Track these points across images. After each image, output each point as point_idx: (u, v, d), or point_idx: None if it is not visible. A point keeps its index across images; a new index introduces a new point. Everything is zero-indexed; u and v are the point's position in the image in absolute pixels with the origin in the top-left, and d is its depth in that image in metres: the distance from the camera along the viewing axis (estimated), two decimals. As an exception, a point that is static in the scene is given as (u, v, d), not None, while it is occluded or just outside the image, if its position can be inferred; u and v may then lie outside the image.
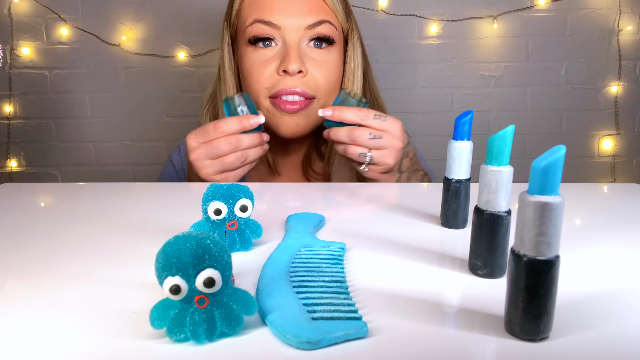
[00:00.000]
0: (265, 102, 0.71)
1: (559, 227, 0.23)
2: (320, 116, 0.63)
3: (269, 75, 0.70)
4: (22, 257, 0.37)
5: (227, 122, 0.62)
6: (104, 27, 1.43)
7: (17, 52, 1.43)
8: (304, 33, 0.70)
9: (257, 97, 0.72)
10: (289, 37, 0.70)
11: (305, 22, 0.70)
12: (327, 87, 0.72)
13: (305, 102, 0.70)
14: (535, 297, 0.24)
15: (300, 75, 0.69)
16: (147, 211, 0.49)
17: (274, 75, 0.70)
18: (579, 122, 1.50)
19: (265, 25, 0.70)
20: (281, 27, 0.69)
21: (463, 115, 0.40)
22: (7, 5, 1.41)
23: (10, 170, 1.51)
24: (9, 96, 1.46)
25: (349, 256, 0.37)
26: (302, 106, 0.70)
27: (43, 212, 0.51)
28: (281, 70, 0.69)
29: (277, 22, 0.69)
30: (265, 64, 0.70)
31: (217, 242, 0.25)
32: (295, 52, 0.69)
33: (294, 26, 0.69)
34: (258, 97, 0.71)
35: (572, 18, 1.44)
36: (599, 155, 1.53)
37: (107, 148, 1.51)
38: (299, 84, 0.69)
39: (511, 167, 0.31)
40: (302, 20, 0.69)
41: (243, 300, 0.26)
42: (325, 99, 0.72)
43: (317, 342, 0.24)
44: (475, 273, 0.33)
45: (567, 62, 1.46)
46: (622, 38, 1.45)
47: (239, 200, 0.37)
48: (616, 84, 1.48)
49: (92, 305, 0.29)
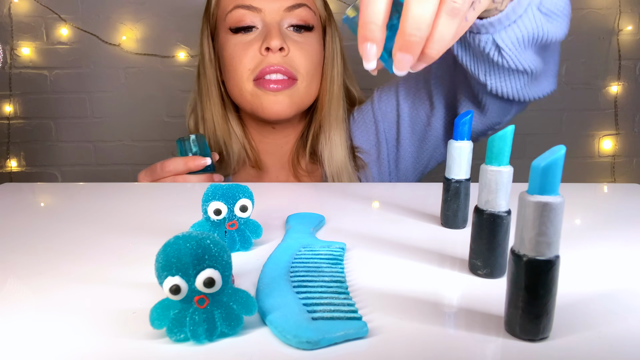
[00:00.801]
0: (249, 85, 0.72)
1: (559, 227, 0.23)
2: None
3: (252, 57, 0.71)
4: (22, 257, 0.37)
5: (173, 162, 0.64)
6: (104, 27, 1.43)
7: (17, 52, 1.43)
8: (284, 15, 0.72)
9: (241, 81, 0.72)
10: (269, 17, 0.71)
11: (285, 4, 0.71)
12: (308, 69, 0.73)
13: (289, 82, 0.71)
14: (535, 297, 0.24)
15: (282, 54, 0.70)
16: (147, 211, 0.49)
17: (257, 56, 0.71)
18: (579, 122, 1.50)
19: (245, 9, 0.71)
20: (261, 10, 0.71)
21: (463, 115, 0.40)
22: (7, 5, 1.41)
23: (10, 170, 1.51)
24: (9, 96, 1.46)
25: (349, 256, 0.37)
26: (285, 85, 0.71)
27: (43, 212, 0.51)
28: (264, 49, 0.70)
29: (257, 4, 0.71)
30: (247, 45, 0.71)
31: (217, 242, 0.25)
32: (277, 30, 0.70)
33: (273, 8, 0.71)
34: (242, 81, 0.72)
35: (572, 18, 1.44)
36: (599, 155, 1.53)
37: (107, 148, 1.51)
38: (281, 61, 0.70)
39: (511, 167, 0.31)
40: (281, 3, 0.71)
41: (243, 300, 0.26)
42: (307, 82, 0.73)
43: (317, 342, 0.24)
44: (475, 273, 0.33)
45: (567, 62, 1.46)
46: (622, 38, 1.45)
47: (239, 200, 0.37)
48: (616, 84, 1.48)
49: (92, 305, 0.29)
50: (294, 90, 0.72)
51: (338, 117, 0.76)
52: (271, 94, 0.71)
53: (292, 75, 0.71)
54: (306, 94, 0.74)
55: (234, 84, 0.74)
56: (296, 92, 0.72)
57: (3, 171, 1.51)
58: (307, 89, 0.74)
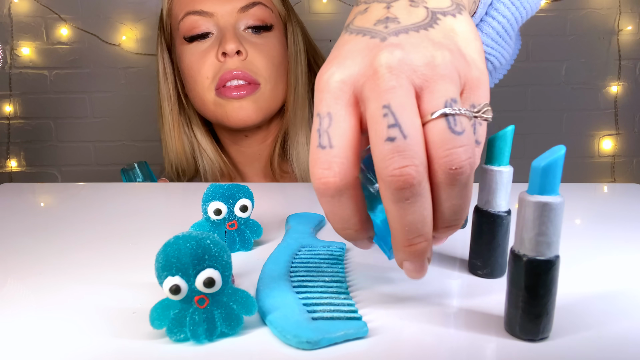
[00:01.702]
0: (210, 95, 0.69)
1: (559, 227, 0.23)
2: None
3: (209, 64, 0.68)
4: (22, 257, 0.37)
5: None
6: (104, 27, 1.43)
7: (17, 52, 1.43)
8: (238, 17, 0.68)
9: (202, 92, 0.69)
10: (223, 21, 0.68)
11: (237, 5, 0.68)
12: (270, 71, 0.69)
13: (251, 87, 0.68)
14: (535, 297, 0.24)
15: (240, 58, 0.67)
16: (147, 211, 0.49)
17: (214, 63, 0.68)
18: (579, 122, 1.50)
19: (197, 15, 0.68)
20: (214, 14, 0.68)
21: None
22: (7, 5, 1.41)
23: (10, 170, 1.51)
24: (9, 96, 1.46)
25: (349, 256, 0.37)
26: (248, 91, 0.67)
27: (43, 212, 0.51)
28: (220, 54, 0.67)
29: (208, 9, 0.68)
30: (204, 53, 0.68)
31: (217, 242, 0.25)
32: (232, 33, 0.67)
33: (226, 10, 0.68)
34: (203, 91, 0.69)
35: (572, 18, 1.44)
36: (599, 155, 1.53)
37: (107, 148, 1.51)
38: (240, 66, 0.67)
39: (511, 167, 0.31)
40: (233, 4, 0.68)
41: (243, 300, 0.26)
42: (272, 85, 0.70)
43: (317, 342, 0.24)
44: (475, 273, 0.33)
45: (567, 62, 1.46)
46: (622, 38, 1.45)
47: (239, 200, 0.37)
48: (616, 84, 1.48)
49: (92, 305, 0.29)
50: (259, 95, 0.69)
51: (304, 117, 0.73)
52: (234, 101, 0.68)
53: (253, 80, 0.68)
54: (272, 98, 0.71)
55: (195, 95, 0.71)
56: (261, 96, 0.69)
57: (3, 171, 1.50)
58: (272, 92, 0.70)
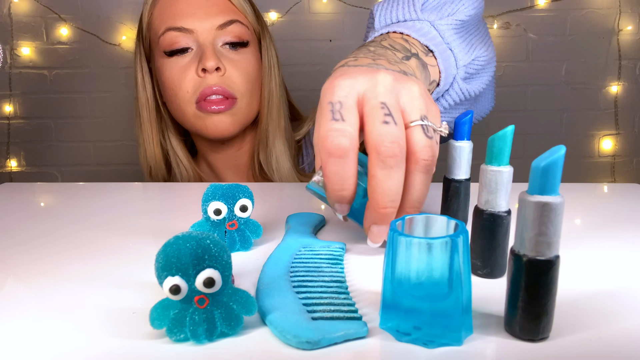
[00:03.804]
0: (191, 108, 0.72)
1: (559, 227, 0.23)
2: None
3: (189, 79, 0.71)
4: (22, 257, 0.37)
5: None
6: (104, 27, 1.43)
7: (17, 52, 1.43)
8: (216, 34, 0.72)
9: (183, 104, 0.72)
10: (202, 38, 0.71)
11: (216, 22, 0.71)
12: (246, 86, 0.73)
13: (229, 102, 0.71)
14: (535, 297, 0.24)
15: (219, 74, 0.71)
16: (147, 211, 0.49)
17: (194, 78, 0.71)
18: (579, 122, 1.50)
19: (177, 31, 0.71)
20: (193, 31, 0.71)
21: (463, 115, 0.40)
22: (7, 5, 1.41)
23: (10, 170, 1.51)
24: (9, 96, 1.46)
25: (349, 256, 0.37)
26: (227, 106, 0.71)
27: (43, 212, 0.51)
28: (200, 70, 0.70)
29: (188, 26, 0.71)
30: (184, 69, 0.72)
31: (217, 242, 0.25)
32: (211, 50, 0.70)
33: (205, 28, 0.71)
34: (184, 104, 0.72)
35: (572, 18, 1.44)
36: (599, 155, 1.53)
37: (107, 148, 1.51)
38: (219, 82, 0.70)
39: (511, 167, 0.31)
40: (212, 21, 0.71)
41: (243, 300, 0.26)
42: (247, 99, 0.73)
43: (317, 342, 0.24)
44: (475, 273, 0.33)
45: (567, 62, 1.46)
46: (622, 38, 1.45)
47: (239, 200, 0.37)
48: (616, 84, 1.48)
49: (92, 305, 0.29)
50: (236, 109, 0.72)
51: (280, 126, 0.77)
52: (214, 115, 0.72)
53: (230, 95, 0.71)
54: (248, 111, 0.75)
55: (176, 108, 0.74)
56: (238, 110, 0.73)
57: (3, 171, 1.51)
58: (248, 105, 0.74)
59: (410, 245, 0.24)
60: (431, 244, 0.24)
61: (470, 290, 0.25)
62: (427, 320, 0.24)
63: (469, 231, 0.25)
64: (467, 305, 0.25)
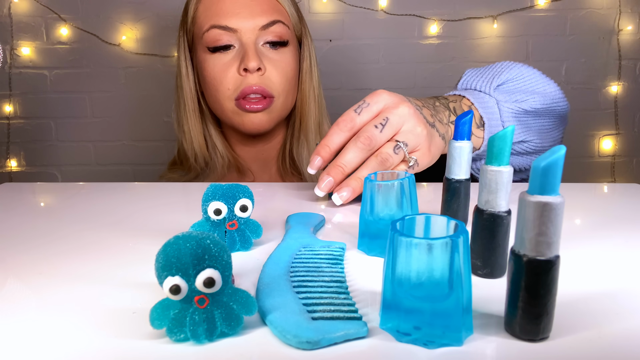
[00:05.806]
0: (230, 104, 0.75)
1: (559, 227, 0.23)
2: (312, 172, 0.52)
3: (231, 77, 0.74)
4: (22, 257, 0.37)
5: None
6: (104, 27, 1.43)
7: (17, 52, 1.43)
8: (259, 34, 0.74)
9: (223, 100, 0.75)
10: (245, 37, 0.74)
11: (260, 23, 0.74)
12: (284, 86, 0.76)
13: (267, 101, 0.74)
14: (535, 297, 0.24)
15: (259, 73, 0.73)
16: (147, 211, 0.49)
17: (235, 76, 0.74)
18: (579, 122, 1.50)
19: (221, 29, 0.74)
20: (237, 30, 0.73)
21: (463, 115, 0.40)
22: (7, 5, 1.41)
23: (10, 170, 1.51)
24: (9, 96, 1.46)
25: (349, 256, 0.37)
26: (264, 105, 0.74)
27: (43, 212, 0.51)
28: (242, 70, 0.73)
29: (232, 25, 0.73)
30: (226, 66, 0.74)
31: (217, 242, 0.25)
32: (253, 51, 0.73)
33: (249, 27, 0.73)
34: (224, 100, 0.75)
35: (572, 18, 1.44)
36: (599, 155, 1.53)
37: (107, 148, 1.51)
38: (258, 82, 0.73)
39: (511, 167, 0.31)
40: (256, 21, 0.74)
41: (243, 300, 0.26)
42: (284, 97, 0.77)
43: (317, 342, 0.24)
44: (475, 273, 0.33)
45: (567, 62, 1.46)
46: (622, 38, 1.45)
47: (239, 200, 0.37)
48: (616, 84, 1.48)
49: (92, 305, 0.29)
50: (273, 108, 0.76)
51: (315, 122, 0.80)
52: (251, 113, 0.75)
53: (269, 95, 0.74)
54: (283, 108, 0.78)
55: (215, 101, 0.77)
56: (275, 108, 0.76)
57: (3, 171, 1.51)
58: (283, 104, 0.77)
59: (411, 246, 0.24)
60: (431, 244, 0.24)
61: (470, 290, 0.25)
62: (428, 320, 0.24)
63: (469, 231, 0.25)
64: (468, 305, 0.25)
